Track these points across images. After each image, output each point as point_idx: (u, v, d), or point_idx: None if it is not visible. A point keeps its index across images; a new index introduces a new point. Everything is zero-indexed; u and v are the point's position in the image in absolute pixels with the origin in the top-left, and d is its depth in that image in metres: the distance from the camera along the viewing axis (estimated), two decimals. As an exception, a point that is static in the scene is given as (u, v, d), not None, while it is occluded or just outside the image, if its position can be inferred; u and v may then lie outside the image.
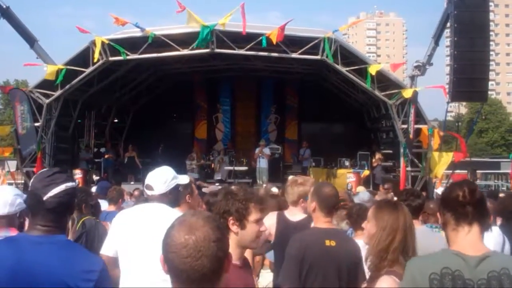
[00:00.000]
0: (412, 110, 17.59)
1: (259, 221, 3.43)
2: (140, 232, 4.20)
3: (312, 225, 4.76)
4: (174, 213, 4.46)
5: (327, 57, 17.63)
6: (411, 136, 17.87)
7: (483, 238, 2.79)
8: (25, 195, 3.58)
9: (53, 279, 2.63)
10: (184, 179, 4.79)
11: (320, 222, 4.62)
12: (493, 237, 5.40)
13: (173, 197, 4.56)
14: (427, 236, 5.06)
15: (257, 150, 22.23)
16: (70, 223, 4.70)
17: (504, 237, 5.68)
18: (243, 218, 3.36)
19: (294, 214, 5.52)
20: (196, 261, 1.95)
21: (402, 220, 3.48)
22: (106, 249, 4.45)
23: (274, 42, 17.10)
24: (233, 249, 2.86)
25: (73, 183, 2.89)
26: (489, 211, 3.51)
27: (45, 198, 2.76)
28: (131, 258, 4.21)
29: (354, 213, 6.11)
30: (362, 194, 9.29)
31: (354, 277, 4.30)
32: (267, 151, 22.37)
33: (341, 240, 4.49)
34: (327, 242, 4.42)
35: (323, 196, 4.61)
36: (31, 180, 2.87)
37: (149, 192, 4.48)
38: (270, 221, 5.50)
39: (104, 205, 8.33)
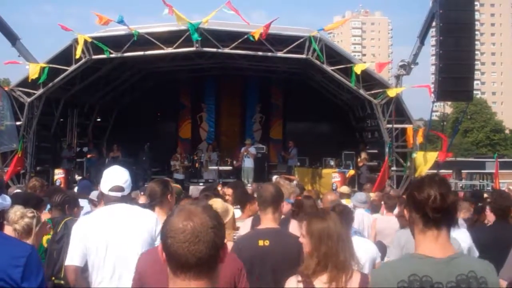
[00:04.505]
0: (392, 108, 17.70)
1: None
2: (126, 235, 4.16)
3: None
4: (150, 212, 4.42)
5: (313, 53, 17.56)
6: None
7: (450, 237, 2.71)
8: (4, 195, 3.46)
9: None
10: None
11: (262, 221, 4.69)
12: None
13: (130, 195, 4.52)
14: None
15: (242, 149, 22.05)
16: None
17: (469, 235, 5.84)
18: None
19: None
20: (194, 245, 2.00)
21: (333, 228, 3.58)
22: (73, 259, 4.30)
23: (256, 39, 16.97)
24: None
25: None
26: (458, 209, 3.50)
27: None
28: (117, 264, 4.12)
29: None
30: (359, 195, 9.34)
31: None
32: (252, 150, 22.18)
33: (275, 238, 4.43)
34: (260, 242, 4.41)
35: (259, 195, 4.75)
36: None
37: (118, 194, 4.37)
38: (247, 227, 5.45)
39: (84, 204, 8.10)
